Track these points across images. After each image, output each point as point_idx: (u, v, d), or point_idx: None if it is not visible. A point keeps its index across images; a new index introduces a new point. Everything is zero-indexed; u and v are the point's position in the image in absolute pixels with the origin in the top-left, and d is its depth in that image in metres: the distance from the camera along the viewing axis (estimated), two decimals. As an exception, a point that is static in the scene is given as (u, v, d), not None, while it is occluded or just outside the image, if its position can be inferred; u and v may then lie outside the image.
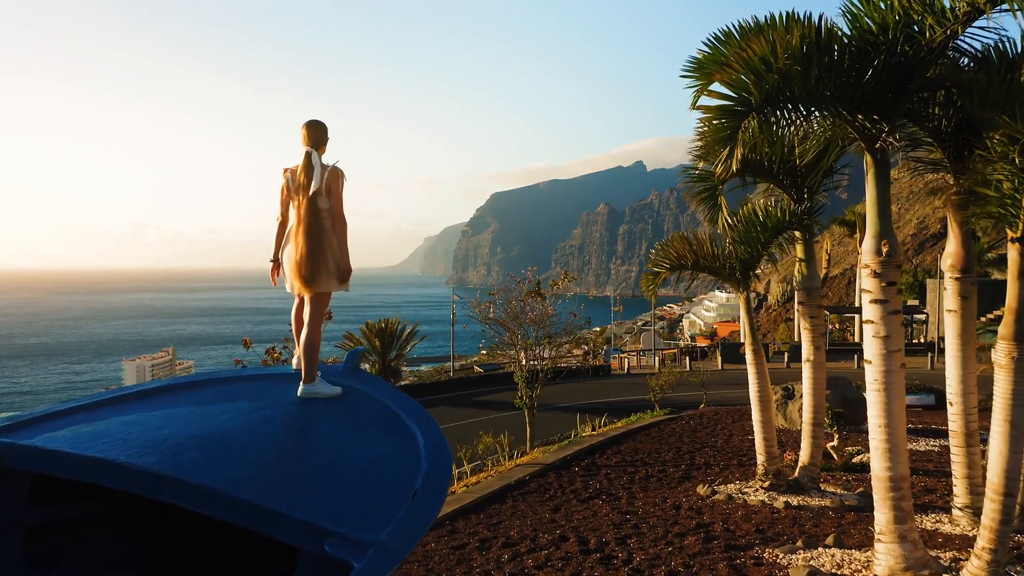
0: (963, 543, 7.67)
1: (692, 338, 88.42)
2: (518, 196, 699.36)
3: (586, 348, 41.50)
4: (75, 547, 3.96)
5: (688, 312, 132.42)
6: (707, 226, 11.73)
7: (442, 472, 4.24)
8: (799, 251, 9.62)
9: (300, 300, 5.13)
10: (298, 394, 4.88)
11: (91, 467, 3.33)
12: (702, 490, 10.02)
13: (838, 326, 53.01)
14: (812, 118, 6.41)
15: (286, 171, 5.07)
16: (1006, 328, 6.04)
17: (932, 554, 6.97)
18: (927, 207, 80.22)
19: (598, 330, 78.47)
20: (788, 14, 6.29)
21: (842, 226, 53.06)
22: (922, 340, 47.23)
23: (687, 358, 46.05)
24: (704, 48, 6.86)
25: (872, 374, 6.55)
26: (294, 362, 5.22)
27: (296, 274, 4.89)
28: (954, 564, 6.84)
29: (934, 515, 8.93)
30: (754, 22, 6.43)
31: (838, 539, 7.63)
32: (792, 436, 15.95)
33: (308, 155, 4.98)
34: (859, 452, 12.93)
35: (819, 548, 7.47)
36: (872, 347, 6.53)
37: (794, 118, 6.26)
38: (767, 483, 9.69)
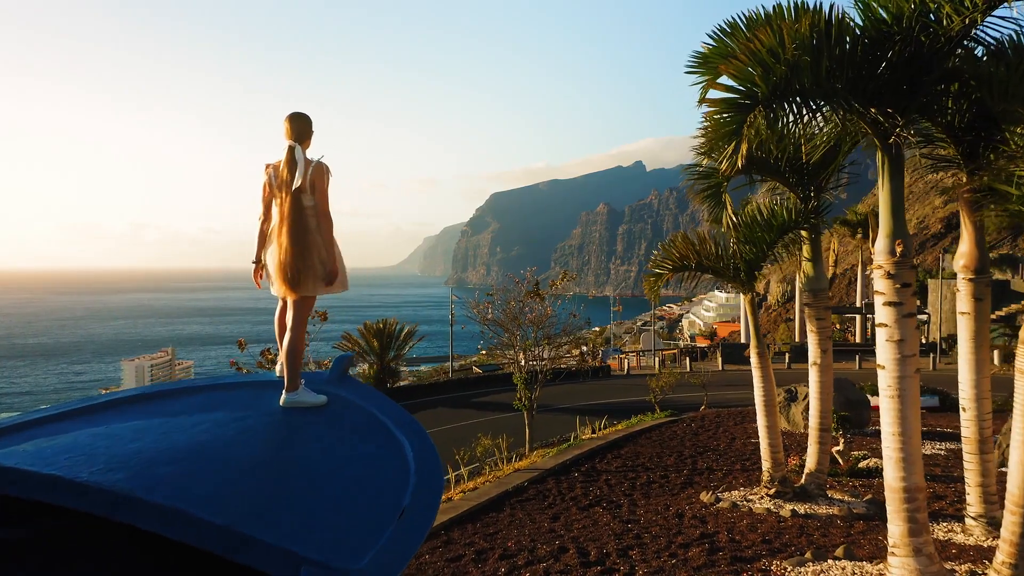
0: (978, 554, 7.39)
1: (692, 338, 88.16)
2: (518, 196, 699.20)
3: (585, 349, 41.22)
4: (41, 566, 3.69)
5: (688, 312, 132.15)
6: (707, 226, 11.46)
7: (432, 488, 3.95)
8: (805, 251, 9.34)
9: (284, 303, 4.85)
10: (280, 403, 4.60)
11: (45, 486, 3.06)
12: (705, 497, 9.73)
13: (839, 327, 52.75)
14: (822, 112, 6.11)
15: (268, 167, 4.78)
16: (1027, 332, 5.76)
17: (947, 567, 6.69)
18: (927, 207, 79.98)
19: (597, 330, 78.26)
20: (797, 3, 6.02)
21: (843, 226, 52.78)
22: (924, 341, 46.97)
23: (687, 359, 45.77)
24: (709, 42, 6.58)
25: (885, 380, 6.26)
26: (277, 369, 4.92)
27: (280, 276, 4.61)
28: (970, 578, 6.57)
29: (945, 524, 8.64)
30: (761, 12, 6.16)
31: (848, 550, 7.35)
32: (795, 439, 15.67)
33: (291, 149, 4.70)
34: (865, 456, 12.65)
35: (828, 560, 7.19)
36: (885, 351, 6.24)
37: (803, 112, 5.97)
38: (773, 490, 9.41)
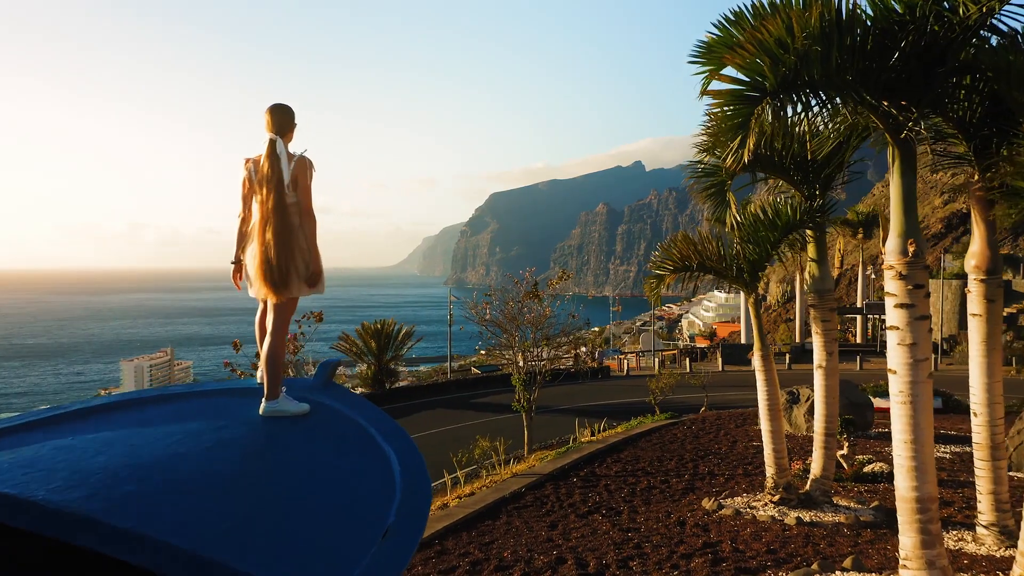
0: (991, 565, 7.13)
1: (691, 338, 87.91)
2: (517, 196, 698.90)
3: (584, 349, 40.93)
4: None
5: (687, 312, 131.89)
6: (707, 225, 11.19)
7: (419, 505, 3.69)
8: (811, 251, 9.08)
9: (265, 305, 4.59)
10: (260, 412, 4.33)
11: None
12: (708, 504, 9.47)
13: (839, 327, 52.47)
14: (833, 105, 5.85)
15: (248, 161, 4.51)
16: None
17: (960, 579, 6.44)
18: (926, 207, 79.76)
19: (596, 330, 77.99)
20: (805, -8, 5.75)
21: (843, 226, 52.54)
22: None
23: (687, 359, 45.51)
24: (713, 31, 6.32)
25: (897, 385, 6.00)
26: (259, 375, 4.65)
27: (261, 277, 4.34)
28: (985, 591, 6.31)
29: (955, 532, 8.38)
30: (766, 1, 5.89)
31: (856, 561, 7.09)
32: (797, 442, 15.42)
33: (272, 143, 4.43)
34: (870, 461, 12.40)
35: (836, 572, 6.93)
36: (897, 356, 5.98)
37: (813, 104, 5.71)
38: (777, 497, 9.14)
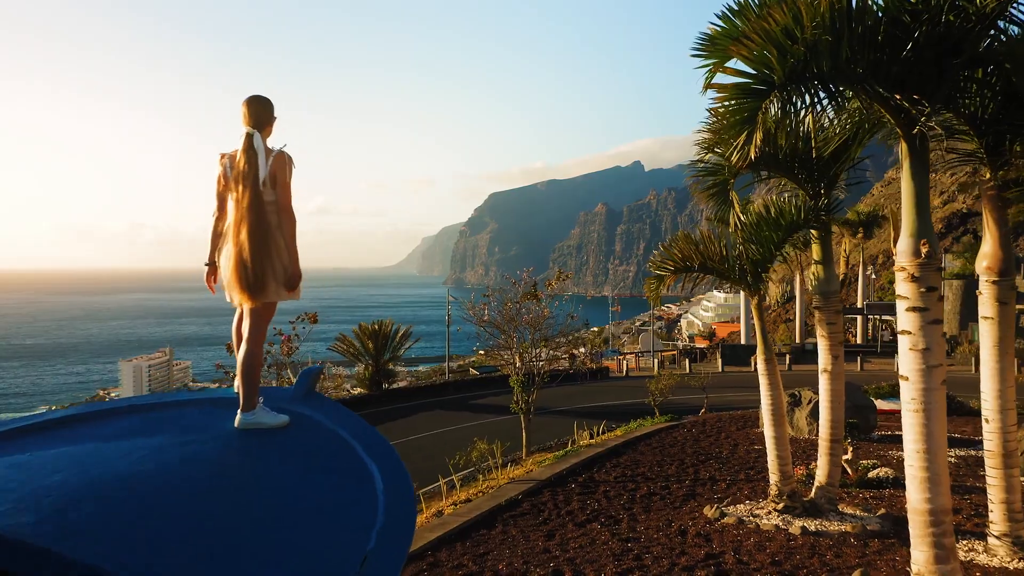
0: (1005, 578, 6.87)
1: (690, 338, 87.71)
2: (516, 196, 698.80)
3: (583, 350, 40.70)
4: None
5: (686, 312, 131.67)
6: (706, 225, 10.91)
7: (402, 529, 3.42)
8: (815, 252, 8.81)
9: (242, 310, 4.31)
10: (235, 425, 4.05)
11: None
12: (709, 512, 9.20)
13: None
14: (843, 98, 5.59)
15: (223, 156, 4.22)
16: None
17: (974, 594, 6.18)
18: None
19: (596, 330, 77.78)
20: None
21: (844, 226, 52.32)
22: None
23: (686, 360, 45.25)
24: (717, 23, 6.05)
25: (909, 392, 5.74)
26: (236, 384, 4.36)
27: (236, 281, 4.06)
28: (1000, 607, 6.05)
29: (965, 541, 8.10)
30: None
31: (865, 574, 6.82)
32: (800, 445, 15.16)
33: (249, 137, 4.15)
34: (875, 466, 12.13)
35: (844, 585, 6.67)
36: (910, 361, 5.72)
37: (822, 98, 5.45)
38: (781, 505, 8.88)
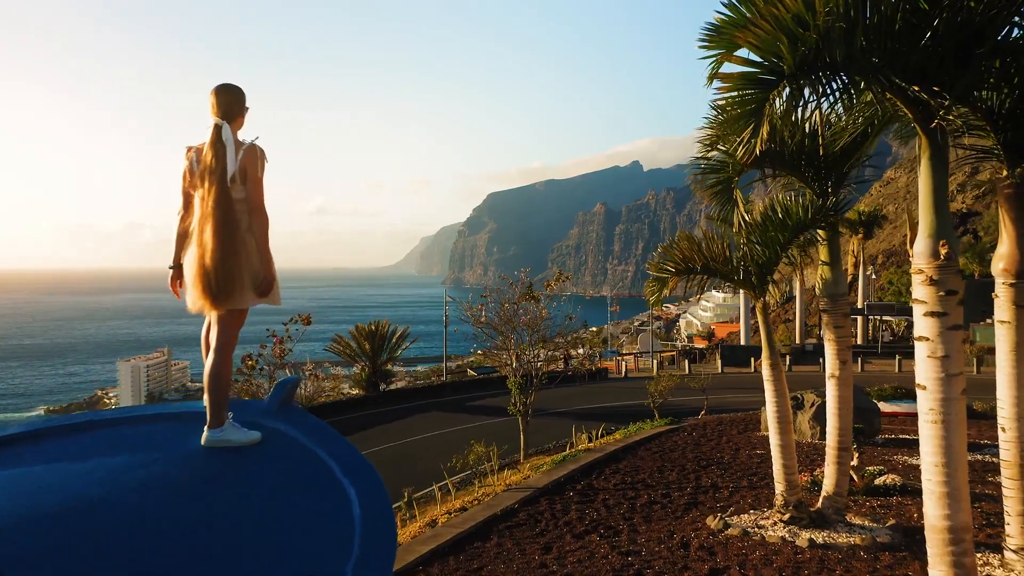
0: (1024, 596, 6.54)
1: (689, 338, 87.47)
2: (514, 196, 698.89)
3: (581, 351, 40.44)
4: None
5: (684, 312, 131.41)
6: (705, 225, 10.55)
7: (380, 558, 3.09)
8: (823, 253, 8.47)
9: (211, 317, 3.97)
10: (202, 442, 3.72)
11: None
12: (713, 523, 8.87)
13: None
14: (856, 90, 5.25)
15: (189, 150, 3.88)
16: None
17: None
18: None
19: (594, 330, 77.50)
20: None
21: (846, 226, 52.01)
22: (926, 342, 46.10)
23: (686, 360, 44.93)
24: (723, 12, 5.71)
25: (927, 402, 5.40)
26: (206, 398, 4.01)
27: (199, 285, 3.71)
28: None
29: (979, 555, 7.76)
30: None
31: (877, 592, 6.50)
32: (802, 450, 14.83)
33: (217, 129, 3.79)
34: (881, 472, 11.80)
35: (856, 604, 6.34)
36: (927, 369, 5.38)
37: (834, 88, 5.11)
38: (787, 515, 8.54)
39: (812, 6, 4.78)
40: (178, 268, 3.89)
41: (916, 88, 5.07)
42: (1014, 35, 5.20)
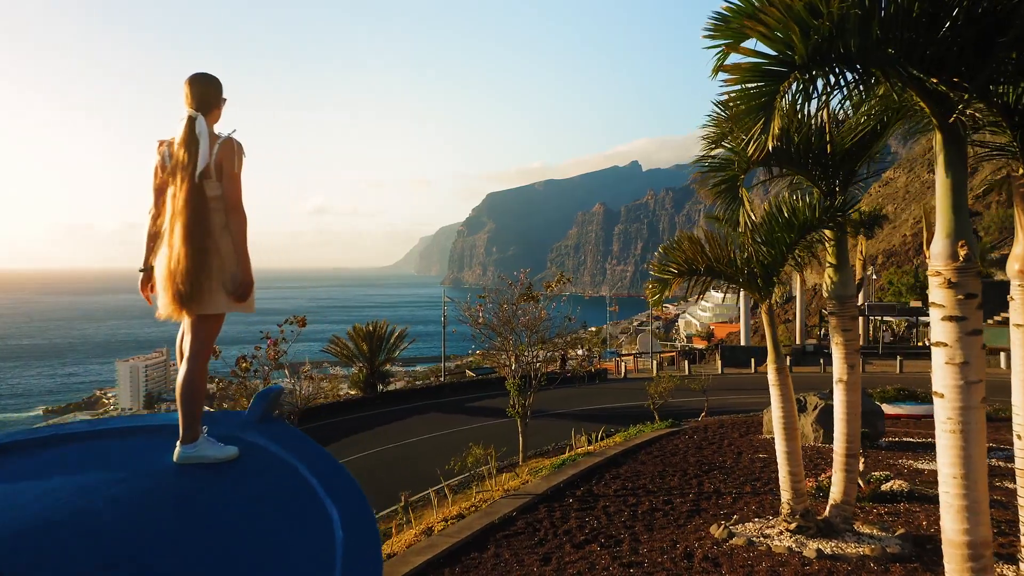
0: (1042, 611, 6.29)
1: (688, 339, 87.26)
2: (513, 196, 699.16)
3: (580, 352, 40.21)
4: None
5: (683, 312, 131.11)
6: (704, 224, 10.30)
7: None
8: (830, 254, 8.21)
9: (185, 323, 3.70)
10: (174, 459, 3.45)
11: None
12: (716, 532, 8.60)
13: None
14: (870, 82, 4.99)
15: (161, 144, 3.61)
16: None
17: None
18: (923, 206, 79.15)
19: (593, 330, 77.23)
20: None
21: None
22: (927, 343, 45.93)
23: (685, 361, 44.67)
24: (731, 0, 5.44)
25: (945, 411, 5.14)
26: (178, 411, 3.74)
27: (170, 289, 3.44)
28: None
29: (995, 565, 7.52)
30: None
31: (890, 606, 6.24)
32: (807, 454, 14.57)
33: (191, 121, 3.53)
34: (887, 478, 11.54)
35: (868, 619, 6.08)
36: (945, 377, 5.12)
37: (848, 81, 4.85)
38: (793, 524, 8.28)
39: (825, -8, 4.53)
40: (149, 271, 3.62)
41: (935, 80, 4.81)
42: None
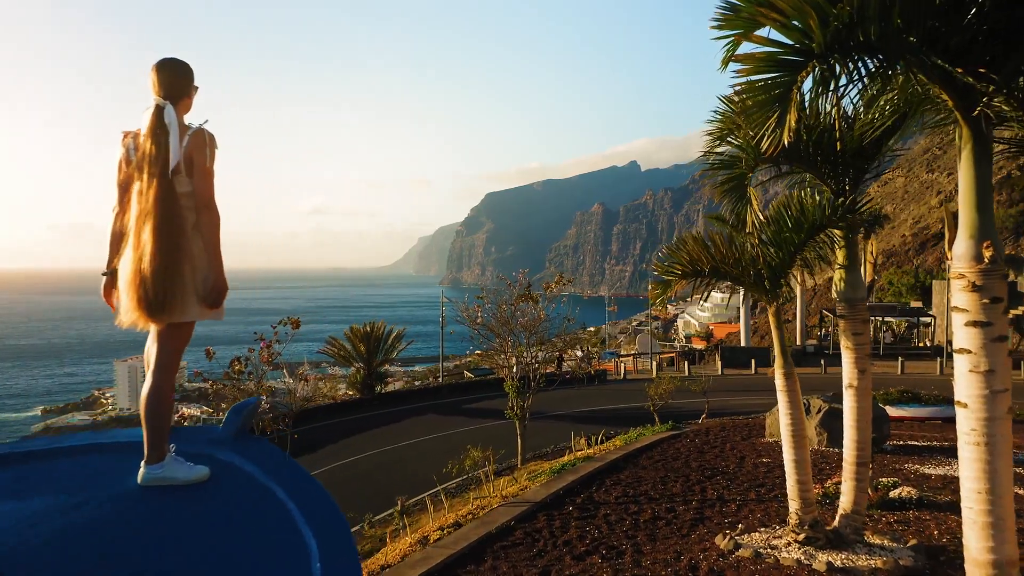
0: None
1: (687, 339, 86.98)
2: (512, 196, 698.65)
3: (580, 353, 39.89)
4: None
5: (682, 312, 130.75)
6: (703, 225, 9.98)
7: None
8: (839, 255, 7.92)
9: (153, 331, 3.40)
10: (138, 480, 3.15)
11: None
12: (722, 543, 8.31)
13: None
14: (891, 71, 4.70)
15: (126, 136, 3.30)
16: None
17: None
18: (922, 206, 78.93)
19: (592, 330, 76.97)
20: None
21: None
22: (928, 344, 45.68)
23: (685, 362, 44.37)
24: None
25: (969, 422, 4.85)
26: (143, 427, 3.42)
27: (135, 295, 3.12)
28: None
29: (1010, 579, 7.24)
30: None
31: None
32: (811, 458, 14.29)
33: (158, 111, 3.21)
34: (895, 484, 11.25)
35: (883, 639, 5.79)
36: (970, 385, 4.82)
37: (869, 69, 4.55)
38: (802, 535, 7.99)
39: (844, -23, 4.23)
40: (113, 274, 3.31)
41: (960, 71, 4.52)
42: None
